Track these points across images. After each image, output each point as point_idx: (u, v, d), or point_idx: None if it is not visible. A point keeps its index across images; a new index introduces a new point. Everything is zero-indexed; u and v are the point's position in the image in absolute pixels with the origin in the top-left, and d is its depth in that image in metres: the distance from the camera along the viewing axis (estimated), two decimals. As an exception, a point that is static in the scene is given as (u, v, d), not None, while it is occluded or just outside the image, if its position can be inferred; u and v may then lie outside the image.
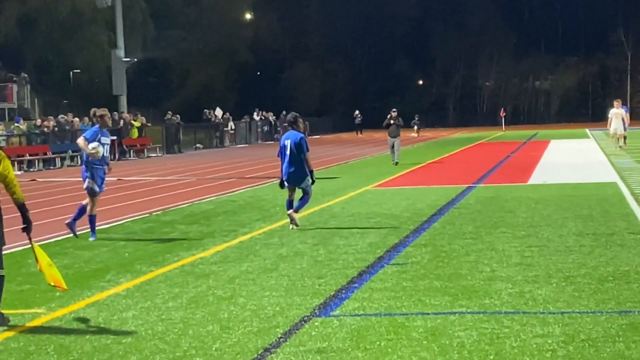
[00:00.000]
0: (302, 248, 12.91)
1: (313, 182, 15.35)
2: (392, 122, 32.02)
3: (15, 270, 11.85)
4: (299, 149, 15.02)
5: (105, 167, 15.12)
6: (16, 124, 40.66)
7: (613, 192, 19.65)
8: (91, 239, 14.62)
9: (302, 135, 15.28)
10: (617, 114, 35.36)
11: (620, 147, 35.10)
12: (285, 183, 15.32)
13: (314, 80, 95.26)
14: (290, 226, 15.04)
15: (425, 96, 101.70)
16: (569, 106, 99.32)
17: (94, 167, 14.83)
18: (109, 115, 15.30)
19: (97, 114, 15.15)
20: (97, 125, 15.04)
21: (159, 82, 76.89)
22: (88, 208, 14.78)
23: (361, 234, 14.14)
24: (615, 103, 36.50)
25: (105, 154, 14.95)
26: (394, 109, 33.23)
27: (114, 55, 53.77)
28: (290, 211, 15.06)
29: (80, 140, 14.94)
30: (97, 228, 14.98)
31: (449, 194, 19.90)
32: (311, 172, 15.27)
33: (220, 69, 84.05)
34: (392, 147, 31.72)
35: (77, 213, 14.99)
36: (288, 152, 15.07)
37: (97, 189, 14.81)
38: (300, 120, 15.58)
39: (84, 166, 15.06)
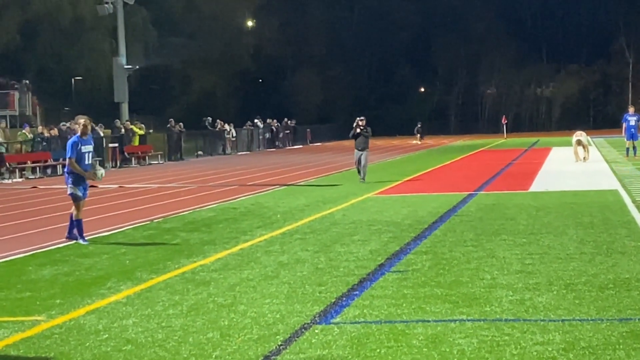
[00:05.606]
0: (302, 255, 12.90)
1: None
2: (358, 130, 27.25)
3: (15, 277, 11.85)
4: None
5: (89, 172, 15.14)
6: (23, 131, 40.74)
7: (614, 199, 19.64)
8: (83, 242, 14.65)
9: None
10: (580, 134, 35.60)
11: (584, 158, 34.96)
12: None
13: (316, 87, 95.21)
14: None
15: (427, 103, 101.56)
16: (570, 114, 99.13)
17: (74, 173, 14.84)
18: (89, 122, 15.26)
19: (79, 122, 15.12)
20: (77, 135, 15.01)
21: (161, 89, 76.93)
22: (73, 213, 14.81)
23: (362, 242, 14.13)
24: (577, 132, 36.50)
25: (87, 162, 14.98)
26: (361, 117, 28.26)
27: (115, 63, 53.79)
28: None
29: (71, 163, 14.85)
30: (97, 235, 14.98)
31: (450, 202, 19.89)
32: None
33: (222, 76, 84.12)
34: (359, 161, 27.10)
35: (70, 223, 15.02)
36: None
37: (79, 194, 14.84)
38: None
39: (66, 173, 15.07)
